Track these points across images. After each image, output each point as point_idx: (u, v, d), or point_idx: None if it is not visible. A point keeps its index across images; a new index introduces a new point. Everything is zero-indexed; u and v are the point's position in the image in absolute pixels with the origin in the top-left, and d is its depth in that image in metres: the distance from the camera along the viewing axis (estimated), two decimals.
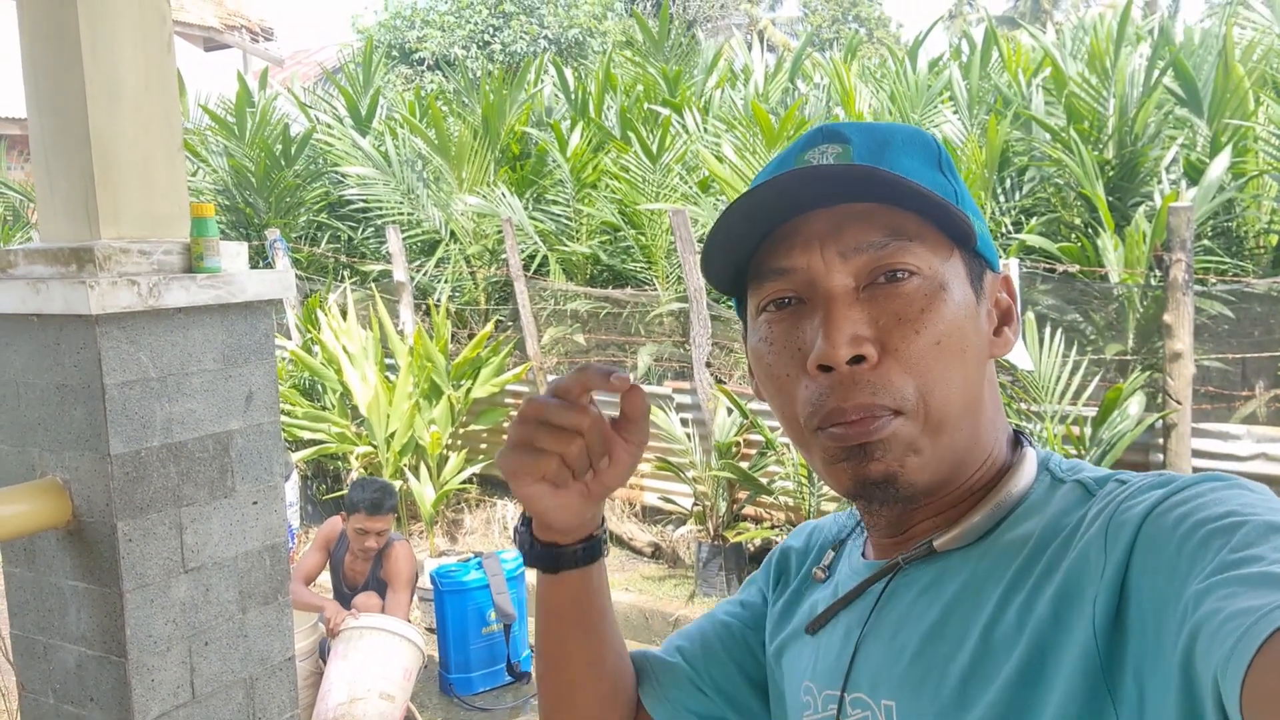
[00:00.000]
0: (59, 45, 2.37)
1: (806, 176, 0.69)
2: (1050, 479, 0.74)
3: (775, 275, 0.74)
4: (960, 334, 0.71)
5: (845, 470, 0.72)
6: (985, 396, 0.74)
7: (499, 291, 7.44)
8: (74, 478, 2.35)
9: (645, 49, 8.97)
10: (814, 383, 0.71)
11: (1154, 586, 0.58)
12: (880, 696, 0.73)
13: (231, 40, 17.51)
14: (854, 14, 26.60)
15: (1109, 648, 0.60)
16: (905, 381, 0.69)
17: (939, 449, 0.71)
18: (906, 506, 0.74)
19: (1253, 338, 4.74)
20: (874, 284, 0.71)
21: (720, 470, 5.35)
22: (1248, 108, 5.53)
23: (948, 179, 0.75)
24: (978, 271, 0.75)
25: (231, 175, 8.42)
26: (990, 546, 0.71)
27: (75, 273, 2.32)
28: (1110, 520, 0.64)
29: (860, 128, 0.75)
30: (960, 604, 0.70)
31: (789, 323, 0.73)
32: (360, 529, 4.38)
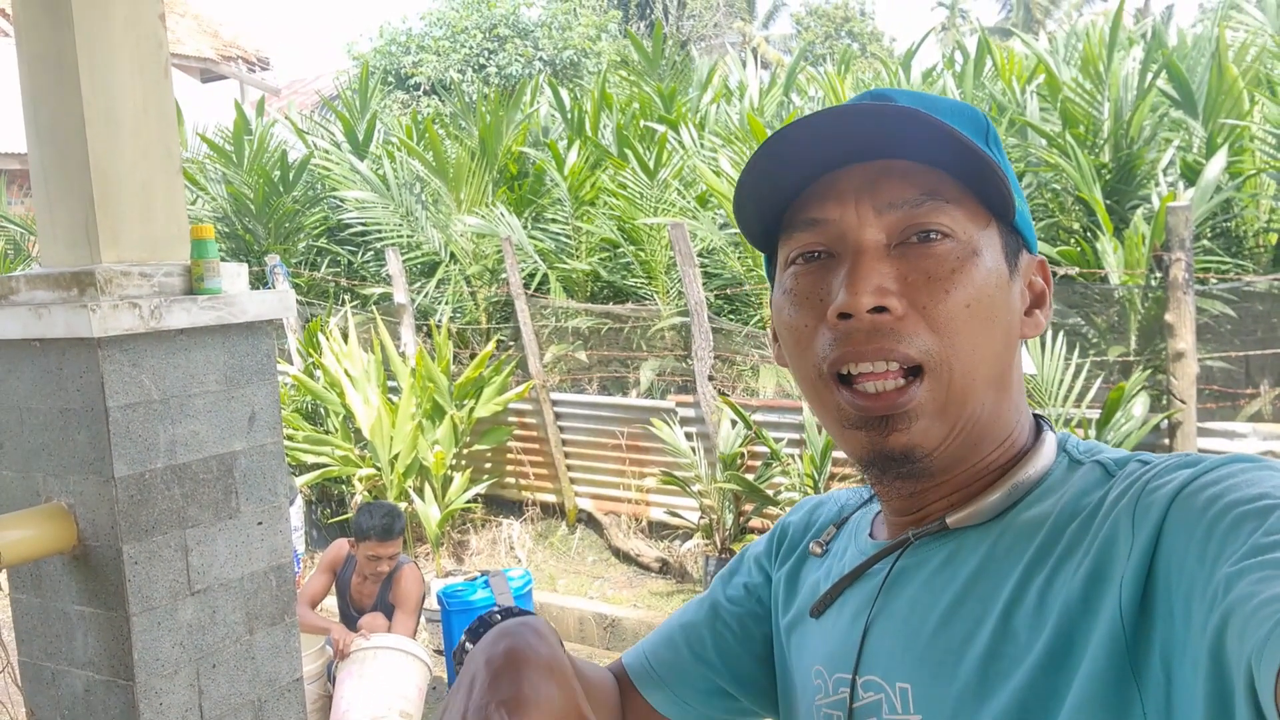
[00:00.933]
0: (57, 73, 2.39)
1: (847, 113, 0.67)
2: (1068, 460, 0.72)
3: (806, 226, 0.72)
4: (990, 302, 0.69)
5: (862, 438, 0.70)
6: (1011, 376, 0.72)
7: (500, 311, 7.45)
8: (79, 502, 2.35)
9: (640, 68, 9.01)
10: (832, 331, 0.69)
11: (1183, 568, 0.56)
12: (895, 679, 0.71)
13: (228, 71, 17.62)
14: (846, 29, 26.77)
15: (1135, 629, 0.58)
16: (930, 337, 0.67)
17: (961, 420, 0.69)
18: (921, 481, 0.72)
19: (1255, 336, 4.74)
20: (906, 243, 0.69)
21: (725, 483, 5.34)
22: (1243, 108, 5.54)
23: (994, 153, 0.73)
24: (1014, 247, 0.73)
25: (230, 202, 8.45)
26: (1007, 526, 0.69)
27: (77, 297, 2.33)
28: (1138, 500, 0.62)
29: (909, 94, 0.74)
30: (977, 584, 0.68)
31: (815, 276, 0.71)
32: (372, 555, 4.39)
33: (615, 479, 6.33)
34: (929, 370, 0.67)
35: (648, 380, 6.43)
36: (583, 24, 17.99)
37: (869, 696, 0.73)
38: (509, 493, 6.87)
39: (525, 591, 4.66)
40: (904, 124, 0.67)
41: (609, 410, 6.31)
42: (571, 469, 6.55)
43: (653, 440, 5.88)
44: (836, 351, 0.69)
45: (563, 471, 6.53)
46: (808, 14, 27.84)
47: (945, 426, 0.69)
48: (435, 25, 17.42)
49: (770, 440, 5.24)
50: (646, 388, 6.44)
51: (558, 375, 6.80)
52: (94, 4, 2.39)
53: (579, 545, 6.43)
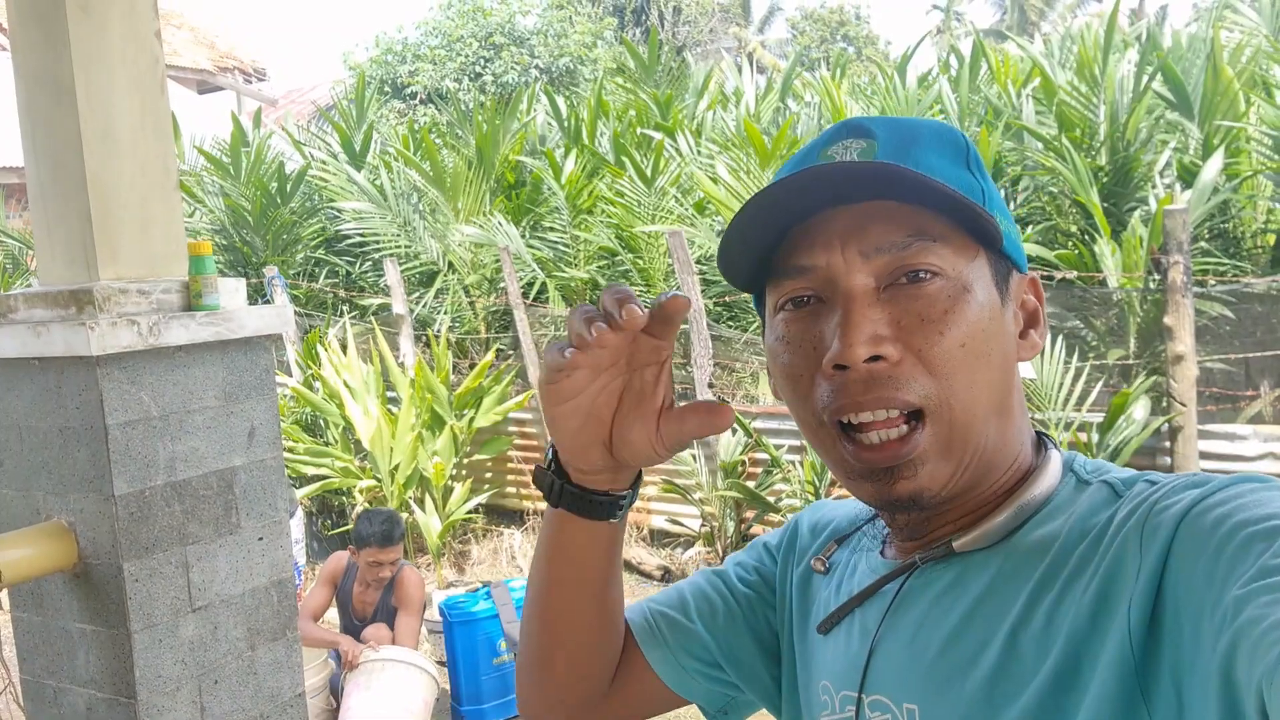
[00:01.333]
0: (54, 91, 2.39)
1: (826, 174, 0.67)
2: (1075, 480, 0.71)
3: (795, 273, 0.71)
4: (985, 337, 0.69)
5: (869, 488, 0.70)
6: (1012, 401, 0.72)
7: (499, 320, 7.45)
8: (79, 520, 2.35)
9: (636, 75, 9.03)
10: (829, 381, 0.69)
11: (1192, 589, 0.56)
12: (902, 700, 0.71)
13: (225, 82, 17.64)
14: (842, 33, 26.82)
15: (1144, 651, 0.58)
16: (928, 381, 0.67)
17: (966, 456, 0.69)
18: (930, 515, 0.73)
19: (1254, 337, 4.74)
20: (895, 284, 0.68)
21: (727, 490, 5.34)
22: (1238, 109, 5.55)
23: (975, 178, 0.73)
24: (1003, 273, 0.72)
25: (228, 215, 8.46)
26: (1014, 547, 0.69)
27: (75, 315, 2.33)
28: (1146, 521, 0.62)
29: (886, 122, 0.73)
30: (984, 605, 0.68)
31: (807, 321, 0.71)
32: (373, 561, 4.40)
33: None
34: (929, 413, 0.67)
35: None
36: (578, 31, 18.02)
37: (876, 717, 0.73)
38: (510, 502, 6.86)
39: None
40: (884, 179, 0.67)
41: None
42: None
43: None
44: (836, 403, 0.68)
45: None
46: (803, 18, 27.90)
47: (951, 466, 0.69)
48: (431, 34, 17.46)
49: (771, 447, 5.24)
50: None
51: None
52: (90, 22, 2.39)
53: None
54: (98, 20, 2.41)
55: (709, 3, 26.84)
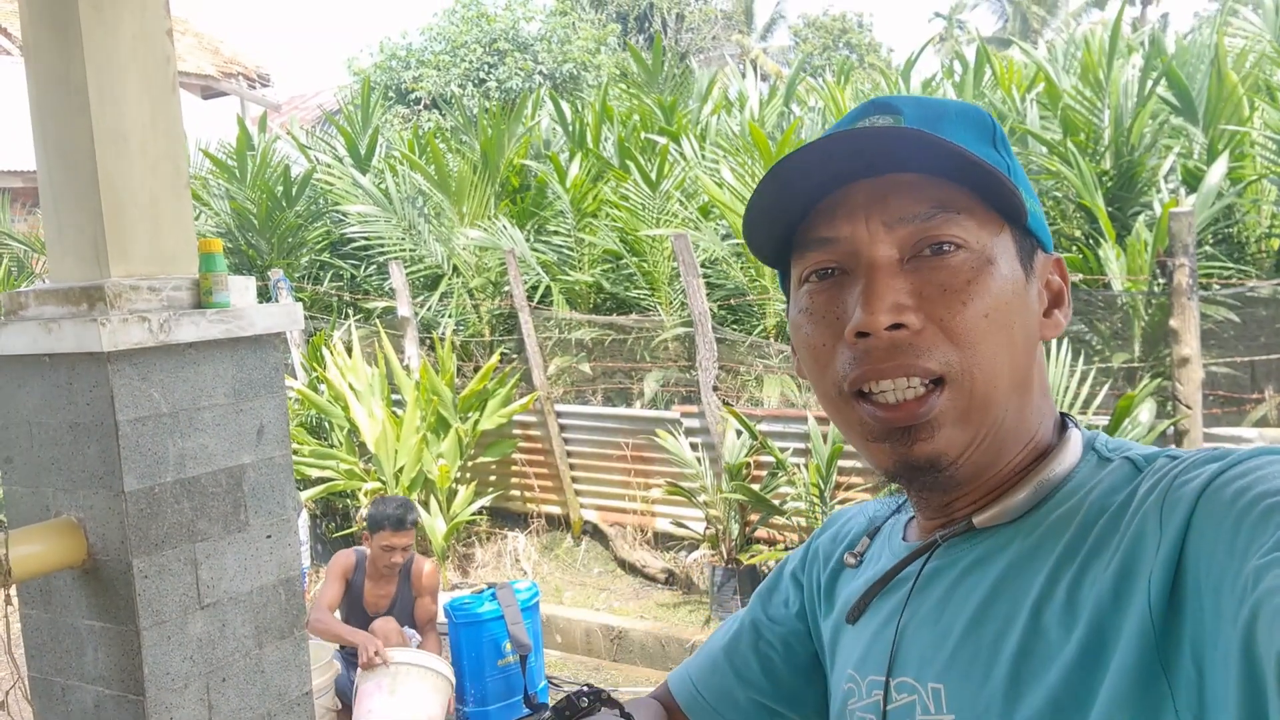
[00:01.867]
0: (66, 90, 2.40)
1: (854, 138, 0.67)
2: (1097, 458, 0.72)
3: (818, 245, 0.72)
4: (1008, 309, 0.69)
5: (886, 450, 0.70)
6: (1033, 378, 0.72)
7: (503, 323, 7.46)
8: (89, 516, 2.35)
9: (640, 80, 9.05)
10: (851, 350, 0.69)
11: (1212, 561, 0.56)
12: (927, 680, 0.71)
13: (229, 88, 17.69)
14: (844, 40, 26.87)
15: (1164, 624, 0.58)
16: (949, 349, 0.67)
17: (985, 427, 0.69)
18: (949, 489, 0.72)
19: (1260, 341, 4.74)
20: (919, 256, 0.69)
21: (731, 493, 5.34)
22: (1243, 113, 5.56)
23: (1002, 156, 0.73)
24: (1028, 250, 0.73)
25: (234, 218, 8.48)
26: (1035, 524, 0.69)
27: (86, 311, 2.34)
28: (1166, 495, 0.62)
29: (913, 100, 0.74)
30: (1007, 582, 0.68)
31: (830, 293, 0.72)
32: (386, 545, 4.44)
33: (620, 490, 6.33)
34: (950, 381, 0.67)
35: (652, 391, 6.43)
36: (582, 38, 18.06)
37: (903, 698, 0.73)
38: (514, 505, 6.86)
39: (532, 604, 4.65)
40: (912, 143, 0.67)
41: (613, 421, 6.31)
42: (576, 481, 6.55)
43: (658, 451, 5.87)
44: (857, 370, 0.69)
45: (568, 483, 6.52)
46: (805, 26, 27.94)
47: (969, 434, 0.69)
48: (435, 40, 17.49)
49: (776, 450, 5.24)
50: (651, 398, 6.44)
51: (562, 387, 6.80)
52: (102, 21, 2.40)
53: (585, 557, 6.42)
54: (110, 19, 2.42)
55: (712, 10, 26.91)
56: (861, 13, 28.10)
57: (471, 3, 17.94)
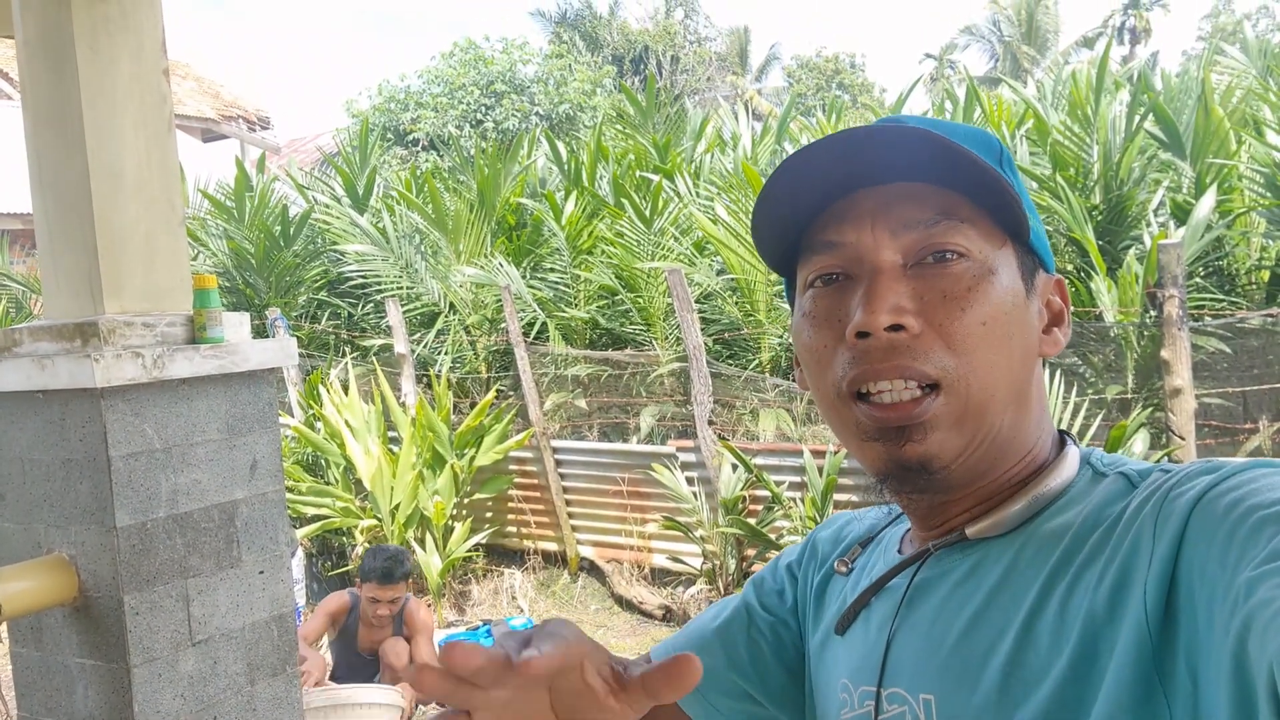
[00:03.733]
0: (62, 127, 2.43)
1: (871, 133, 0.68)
2: (1092, 472, 0.72)
3: (824, 249, 0.73)
4: (1007, 320, 0.69)
5: (879, 450, 0.70)
6: (1032, 393, 0.73)
7: (499, 360, 7.48)
8: (80, 553, 2.35)
9: (635, 121, 9.14)
10: (850, 351, 0.70)
11: (1205, 573, 0.56)
12: (918, 690, 0.71)
13: (229, 130, 17.84)
14: (837, 81, 27.16)
15: (1161, 636, 0.58)
16: (947, 354, 0.68)
17: (979, 434, 0.69)
18: (940, 495, 0.72)
19: (1252, 373, 4.76)
20: (922, 263, 0.70)
21: (728, 527, 5.32)
22: (1230, 148, 5.62)
23: (1007, 175, 0.74)
24: (1030, 267, 0.74)
25: (231, 257, 8.52)
26: (1029, 536, 0.69)
27: (80, 347, 2.35)
28: (1160, 508, 0.62)
29: (923, 120, 0.75)
30: (1000, 594, 0.68)
31: (833, 298, 0.72)
32: (372, 598, 4.40)
33: (617, 526, 6.31)
34: (946, 386, 0.68)
35: (648, 426, 6.43)
36: (578, 79, 18.26)
37: (893, 709, 0.73)
38: (510, 542, 6.83)
39: None
40: (919, 147, 0.68)
41: (609, 457, 6.30)
42: (573, 516, 6.52)
43: (654, 486, 5.86)
44: (855, 370, 0.69)
45: (564, 519, 6.50)
46: (799, 67, 28.26)
47: (962, 439, 0.69)
48: (433, 82, 17.68)
49: (771, 484, 5.23)
50: (647, 433, 6.44)
51: (558, 423, 6.80)
52: (98, 61, 2.44)
53: (581, 594, 6.39)
54: (106, 58, 2.45)
55: (706, 52, 27.23)
56: (854, 53, 28.46)
57: (469, 46, 18.16)
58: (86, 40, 2.41)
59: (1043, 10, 28.26)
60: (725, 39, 29.35)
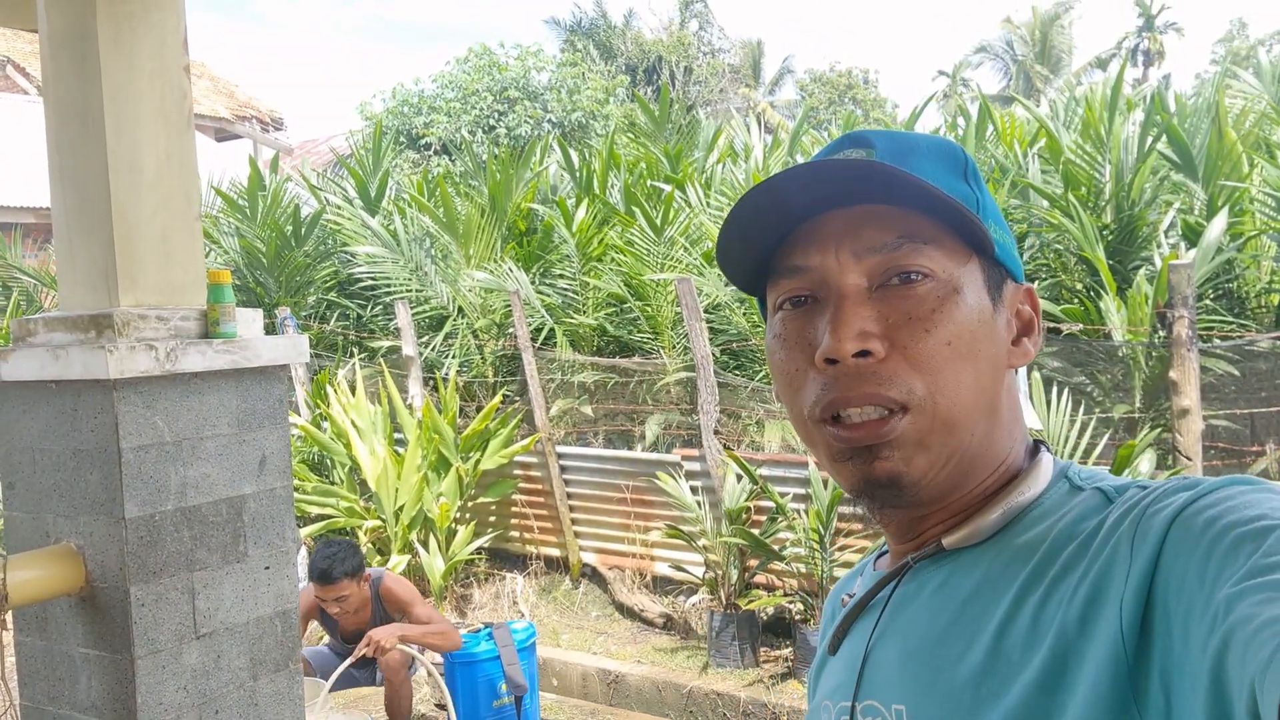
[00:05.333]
0: (83, 122, 2.45)
1: (822, 170, 0.70)
2: (1069, 486, 0.73)
3: (791, 274, 0.74)
4: (972, 337, 0.71)
5: (850, 469, 0.72)
6: (1002, 404, 0.74)
7: (506, 365, 7.49)
8: (88, 543, 2.36)
9: (647, 130, 9.17)
10: (821, 376, 0.71)
11: (1183, 590, 0.56)
12: (891, 701, 0.72)
13: (242, 130, 17.92)
14: (850, 95, 27.19)
15: (1136, 652, 0.58)
16: (913, 377, 0.69)
17: (948, 449, 0.71)
18: (913, 509, 0.74)
19: (1260, 395, 4.75)
20: (886, 284, 0.71)
21: (731, 537, 5.32)
22: (1242, 170, 5.62)
23: (972, 188, 0.75)
24: (996, 280, 0.74)
25: (243, 256, 8.56)
26: (1004, 547, 0.70)
27: (94, 339, 2.36)
28: (1138, 524, 0.62)
29: (886, 134, 0.77)
30: (972, 604, 0.69)
31: (802, 320, 0.74)
32: (319, 597, 4.16)
33: (620, 533, 6.31)
34: (913, 408, 0.69)
35: (653, 434, 6.44)
36: (591, 88, 18.31)
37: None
38: (513, 546, 6.84)
39: (529, 644, 4.62)
40: (873, 175, 0.70)
41: (614, 464, 6.31)
42: (576, 523, 6.53)
43: (658, 494, 5.86)
44: (826, 398, 0.71)
45: (567, 525, 6.50)
46: (812, 81, 28.31)
47: (930, 456, 0.70)
48: (447, 87, 17.75)
49: (776, 495, 5.23)
50: (652, 441, 6.44)
51: (563, 429, 6.81)
52: (121, 56, 2.46)
53: (583, 600, 6.38)
54: (128, 54, 2.48)
55: (720, 63, 27.29)
56: (867, 69, 28.52)
57: (484, 52, 18.23)
58: (109, 35, 2.44)
59: (1057, 30, 28.30)
60: (739, 51, 29.41)
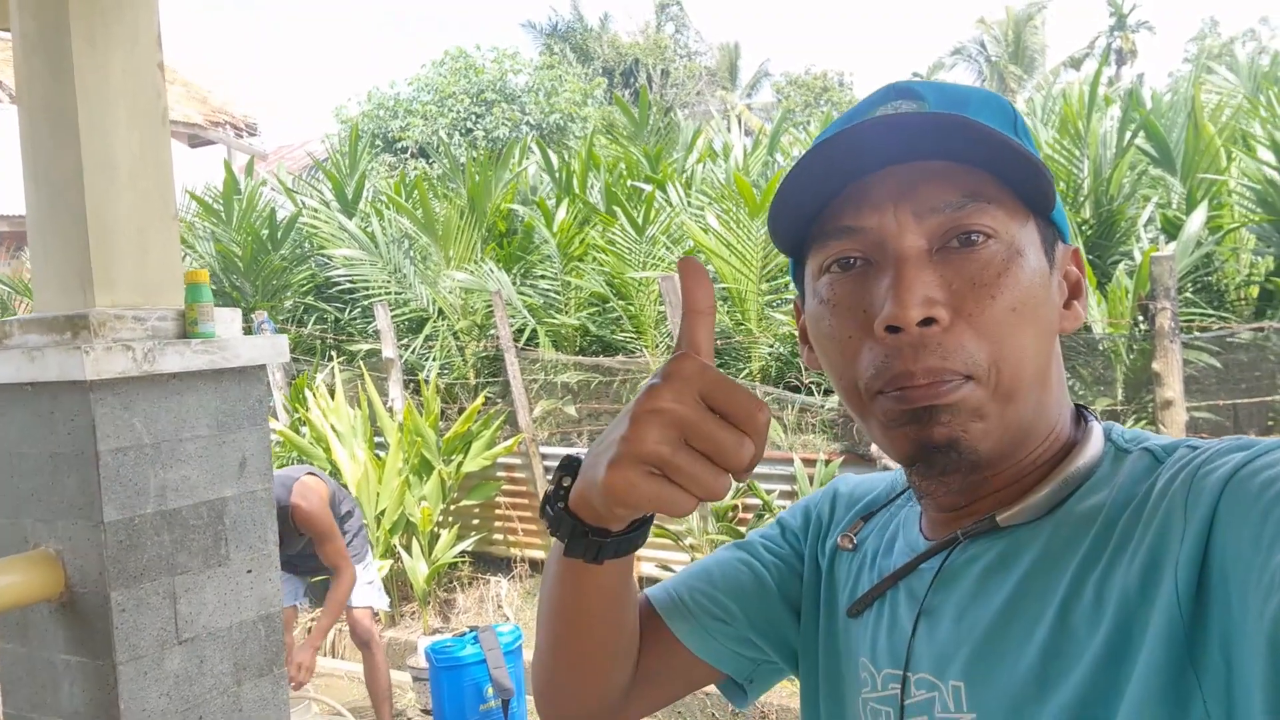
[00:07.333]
0: (56, 120, 2.41)
1: (889, 124, 0.66)
2: (1115, 450, 0.70)
3: (842, 234, 0.70)
4: (1035, 302, 0.67)
5: (906, 434, 0.68)
6: (1053, 371, 0.71)
7: (488, 366, 7.45)
8: (67, 548, 2.31)
9: (626, 132, 9.16)
10: (878, 345, 0.67)
11: (1239, 554, 0.55)
12: (948, 677, 0.69)
13: (216, 136, 17.76)
14: (826, 98, 27.29)
15: (1192, 617, 0.57)
16: (978, 346, 0.66)
17: (1005, 418, 0.67)
18: (967, 476, 0.70)
19: (1241, 387, 4.78)
20: (947, 247, 0.67)
21: (718, 535, 5.30)
22: (1220, 163, 5.67)
23: (1025, 144, 0.71)
24: (1050, 240, 0.71)
25: (218, 260, 8.47)
26: (1061, 521, 0.68)
27: (70, 340, 2.32)
28: (1190, 486, 0.60)
29: (935, 86, 0.73)
30: (1033, 581, 0.67)
31: (854, 284, 0.70)
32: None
33: None
34: (976, 377, 0.66)
35: None
36: (569, 90, 18.28)
37: (921, 694, 0.71)
38: (497, 549, 6.79)
39: (515, 647, 4.58)
40: (940, 127, 0.65)
41: None
42: None
43: None
44: (891, 370, 0.67)
45: None
46: (788, 84, 28.40)
47: (988, 422, 0.67)
48: (423, 90, 17.67)
49: (762, 492, 5.22)
50: None
51: (547, 429, 6.78)
52: (94, 53, 2.41)
53: None
54: (101, 52, 2.43)
55: (696, 66, 27.34)
56: (842, 71, 28.64)
57: (460, 55, 18.17)
58: (82, 32, 2.39)
59: (1030, 31, 28.52)
60: (716, 54, 29.48)
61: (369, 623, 4.44)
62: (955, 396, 0.66)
